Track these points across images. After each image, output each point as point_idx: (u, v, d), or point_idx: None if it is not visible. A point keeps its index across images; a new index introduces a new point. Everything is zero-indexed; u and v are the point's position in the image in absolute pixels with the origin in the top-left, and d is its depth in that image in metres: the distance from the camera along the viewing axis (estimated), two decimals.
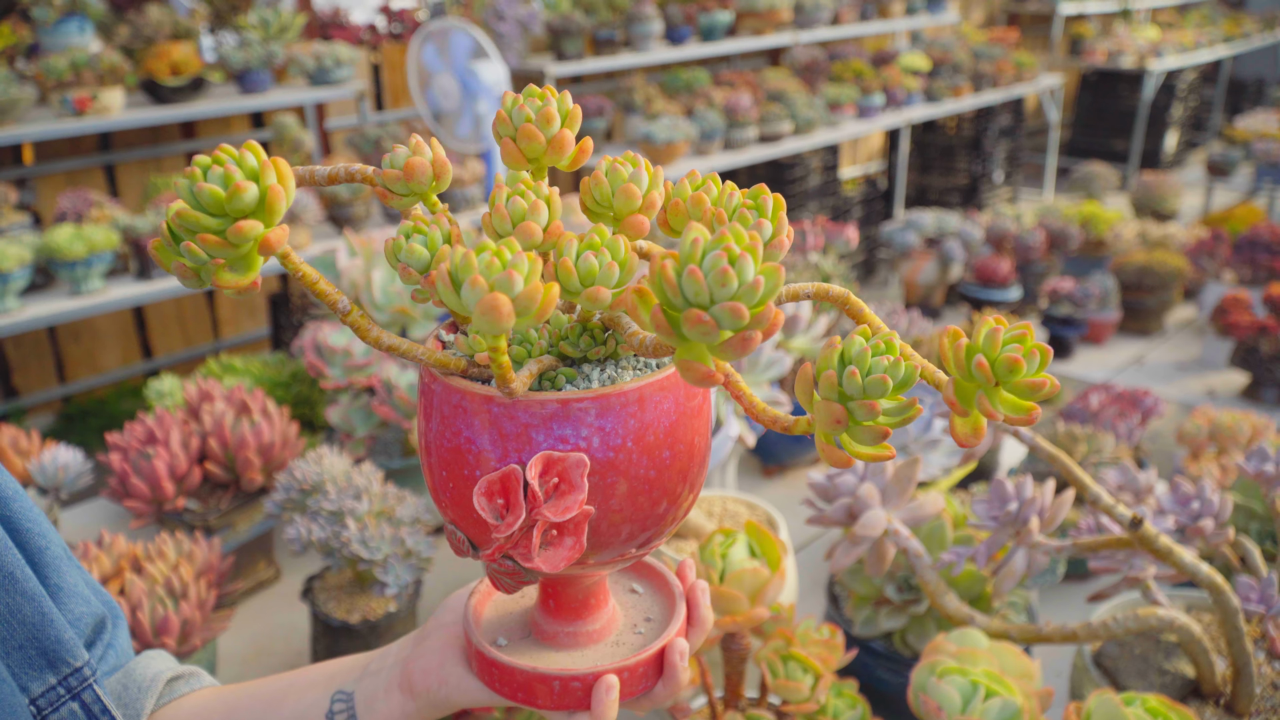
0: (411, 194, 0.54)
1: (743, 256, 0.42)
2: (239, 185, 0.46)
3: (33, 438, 1.52)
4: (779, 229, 0.50)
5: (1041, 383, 0.45)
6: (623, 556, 0.56)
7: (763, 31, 4.65)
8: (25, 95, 2.86)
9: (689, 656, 0.61)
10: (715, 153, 4.05)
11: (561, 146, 0.53)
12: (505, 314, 0.43)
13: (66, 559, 0.69)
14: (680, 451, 0.53)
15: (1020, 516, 0.93)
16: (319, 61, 3.41)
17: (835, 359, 0.47)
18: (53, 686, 0.62)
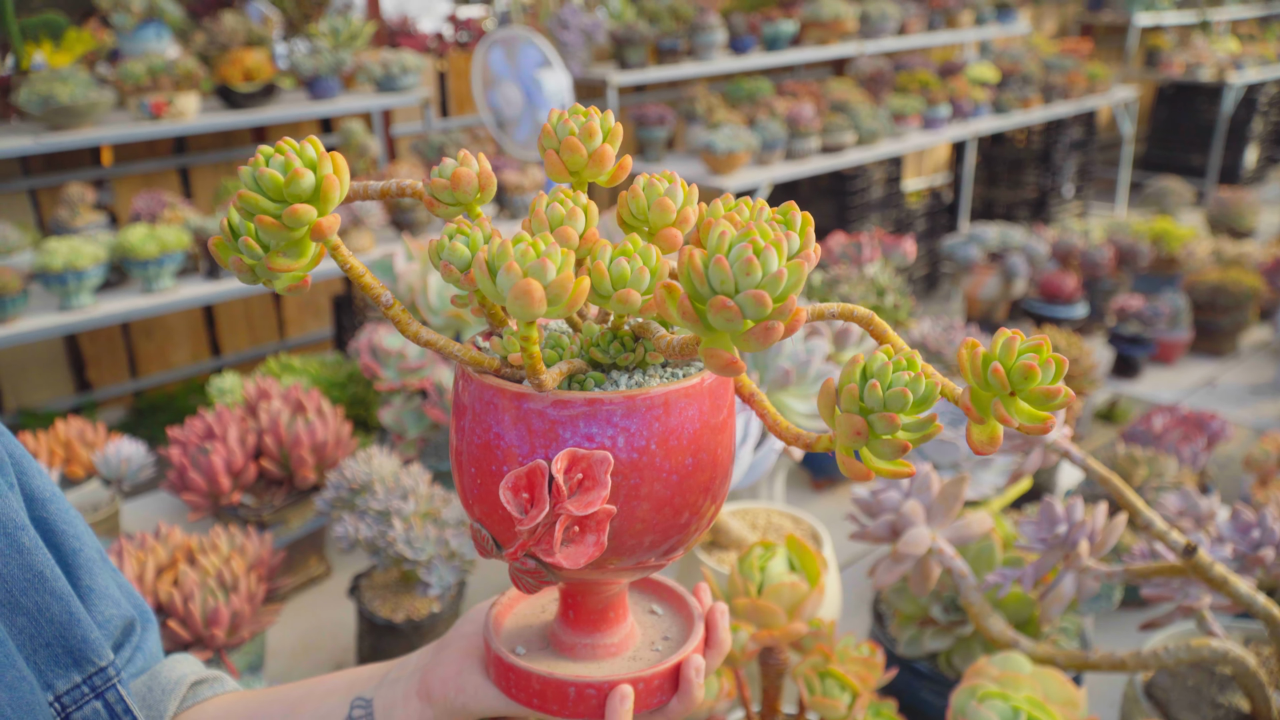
0: (458, 204, 0.56)
1: (767, 249, 0.44)
2: (297, 171, 0.49)
3: (99, 430, 1.57)
4: (805, 243, 0.51)
5: (1056, 390, 0.45)
6: (643, 565, 0.56)
7: (827, 41, 4.62)
8: (104, 99, 2.95)
9: (705, 675, 0.61)
10: (776, 163, 4.03)
11: (602, 161, 0.55)
12: (537, 299, 0.45)
13: (100, 561, 0.71)
14: (703, 460, 0.53)
15: (1069, 539, 0.91)
16: (386, 69, 3.46)
17: (858, 373, 0.48)
18: (77, 685, 0.64)
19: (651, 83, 4.67)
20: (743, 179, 3.84)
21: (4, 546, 0.60)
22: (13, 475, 0.66)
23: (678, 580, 1.05)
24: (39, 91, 2.82)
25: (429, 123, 3.74)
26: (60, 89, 2.83)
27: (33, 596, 0.61)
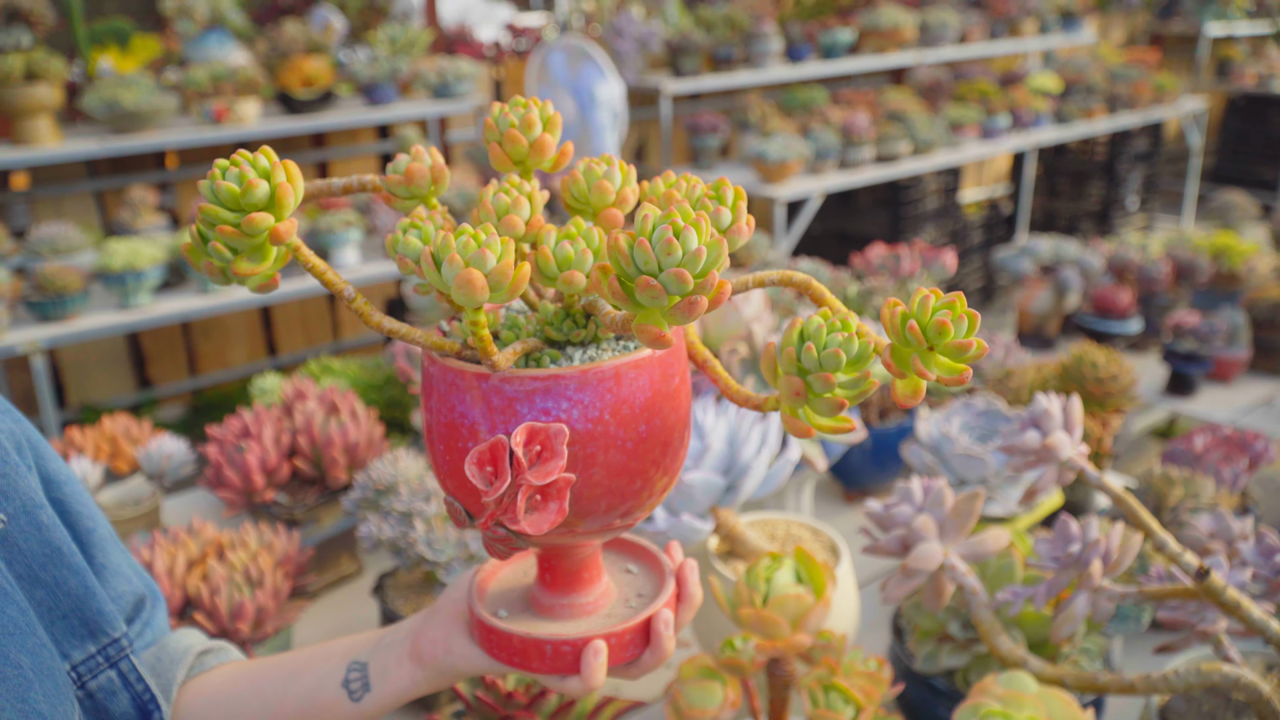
0: (413, 197, 0.59)
1: (686, 229, 0.47)
2: (251, 182, 0.52)
3: (144, 426, 1.61)
4: (737, 216, 0.53)
5: (968, 344, 0.48)
6: (608, 528, 0.60)
7: (885, 50, 4.59)
8: (168, 104, 3.04)
9: (676, 628, 0.64)
10: (829, 172, 4.01)
11: (542, 150, 0.58)
12: (479, 287, 0.49)
13: (112, 542, 0.75)
14: (656, 427, 0.57)
15: (1082, 559, 0.89)
16: (441, 76, 3.52)
17: (795, 336, 0.51)
18: (92, 655, 0.68)
19: (707, 91, 4.67)
20: (794, 188, 3.83)
21: (24, 524, 0.64)
22: (31, 458, 0.69)
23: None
24: (104, 96, 2.92)
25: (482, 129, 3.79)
26: (125, 94, 2.92)
27: (51, 571, 0.65)
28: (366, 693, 0.68)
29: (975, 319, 0.49)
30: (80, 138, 3.06)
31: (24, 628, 0.60)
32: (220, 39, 3.31)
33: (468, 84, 3.59)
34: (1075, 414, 0.92)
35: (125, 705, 0.69)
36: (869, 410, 1.62)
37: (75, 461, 1.46)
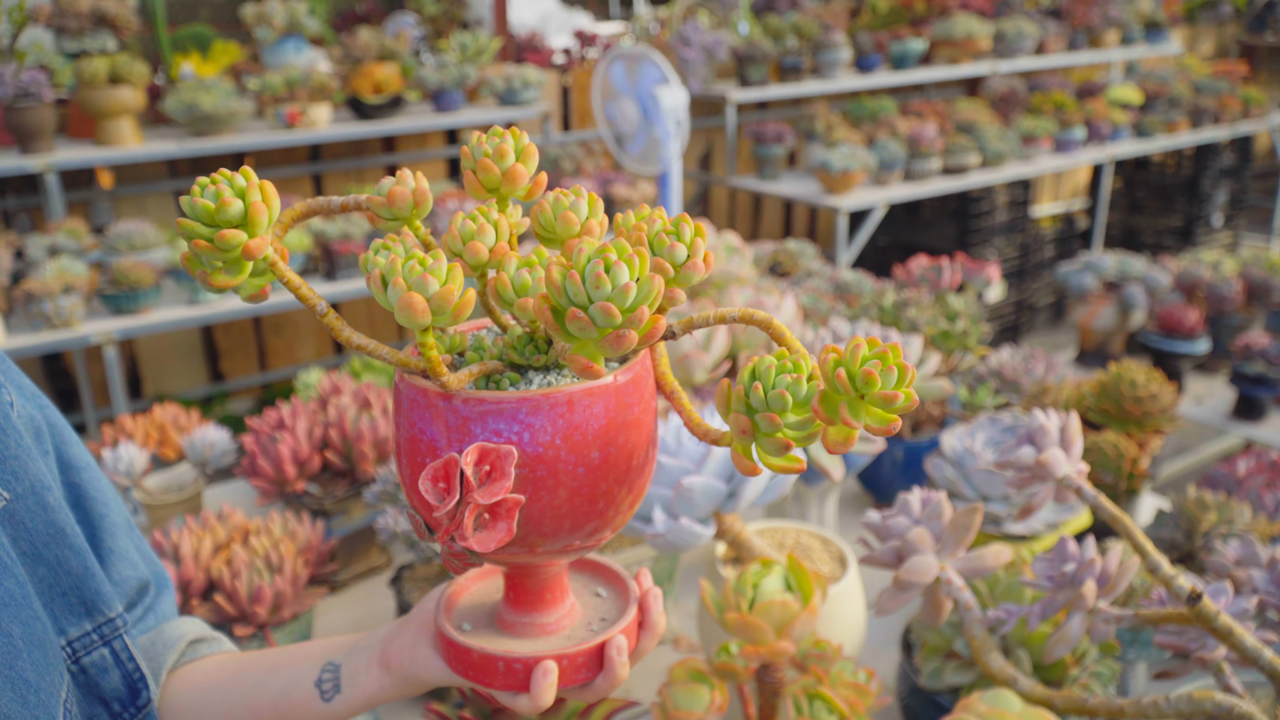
0: (395, 218, 0.59)
1: (618, 264, 0.48)
2: (225, 200, 0.54)
3: (191, 415, 1.68)
4: (694, 253, 0.53)
5: (894, 396, 0.48)
6: (569, 548, 0.60)
7: (958, 61, 4.52)
8: (244, 108, 3.14)
9: (639, 656, 0.65)
10: (894, 183, 3.97)
11: (515, 179, 0.58)
12: (420, 310, 0.50)
13: (124, 528, 0.78)
14: (611, 455, 0.57)
15: (1076, 578, 0.87)
16: (508, 83, 3.57)
17: (747, 375, 0.50)
18: (88, 632, 0.71)
19: (773, 100, 4.66)
20: (857, 198, 3.80)
21: (32, 503, 0.67)
22: (49, 443, 0.73)
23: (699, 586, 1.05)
24: (184, 100, 3.03)
25: (548, 136, 3.84)
26: (203, 97, 3.03)
27: (54, 550, 0.68)
28: (337, 694, 0.70)
29: (906, 370, 0.49)
30: (161, 139, 3.19)
31: (19, 600, 0.64)
32: (297, 45, 3.41)
33: (534, 91, 3.64)
34: (1073, 431, 0.91)
35: (116, 682, 0.72)
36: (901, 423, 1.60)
37: (124, 446, 1.52)
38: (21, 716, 0.60)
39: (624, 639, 0.63)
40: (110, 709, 0.72)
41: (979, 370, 1.73)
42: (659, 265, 0.53)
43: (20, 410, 0.70)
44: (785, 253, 2.17)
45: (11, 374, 0.73)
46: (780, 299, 1.54)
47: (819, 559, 1.20)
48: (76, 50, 2.99)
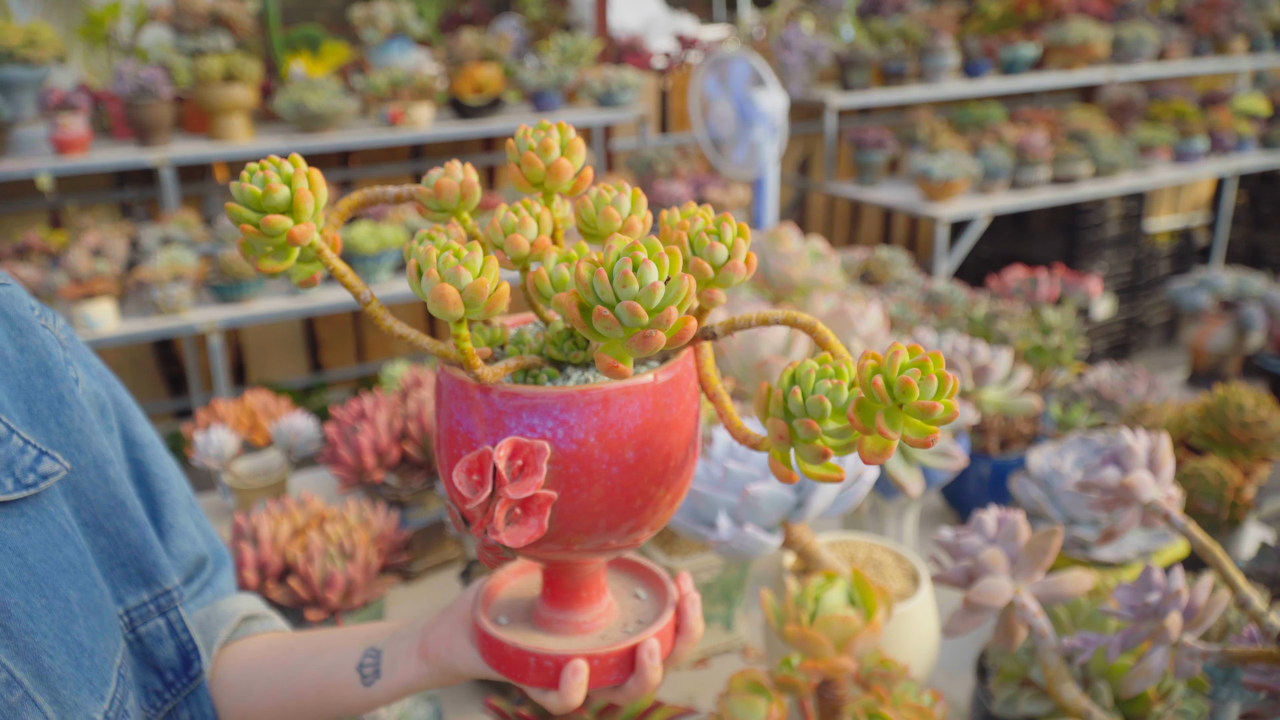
0: (442, 210, 0.59)
1: (646, 264, 0.47)
2: (272, 187, 0.55)
3: (280, 403, 1.72)
4: (735, 254, 0.51)
5: (933, 406, 0.45)
6: (605, 547, 0.60)
7: (1073, 67, 4.37)
8: (349, 107, 3.23)
9: (674, 662, 0.64)
10: (999, 192, 3.86)
11: (559, 173, 0.58)
12: (452, 302, 0.50)
13: (185, 506, 0.81)
14: (647, 455, 0.56)
15: (1160, 610, 0.83)
16: (606, 85, 3.59)
17: (787, 379, 0.49)
18: (145, 602, 0.73)
19: (876, 105, 4.57)
20: (959, 207, 3.70)
21: (94, 476, 0.70)
22: (114, 420, 0.76)
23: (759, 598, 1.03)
24: (293, 98, 3.13)
25: (644, 139, 3.84)
26: (311, 96, 3.12)
27: (114, 521, 0.71)
28: (377, 679, 0.70)
29: (947, 380, 0.46)
30: (270, 135, 3.29)
31: (78, 567, 0.66)
32: (402, 46, 3.49)
33: (631, 93, 3.65)
34: (1163, 453, 0.86)
35: (170, 652, 0.74)
36: (989, 439, 1.55)
37: (215, 430, 1.57)
38: (75, 679, 0.62)
39: (656, 643, 0.62)
40: (164, 678, 0.74)
41: (1075, 388, 1.66)
42: (698, 265, 0.52)
43: (86, 387, 0.73)
44: (876, 260, 2.12)
45: (79, 353, 0.75)
46: (865, 306, 1.51)
47: (891, 575, 1.17)
48: (194, 49, 3.11)
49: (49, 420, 0.68)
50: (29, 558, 0.62)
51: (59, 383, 0.69)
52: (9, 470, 0.63)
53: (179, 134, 3.32)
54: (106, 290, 2.69)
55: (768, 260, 1.62)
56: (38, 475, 0.64)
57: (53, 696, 0.61)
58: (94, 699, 0.63)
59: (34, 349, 0.68)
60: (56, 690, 0.61)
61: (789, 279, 1.60)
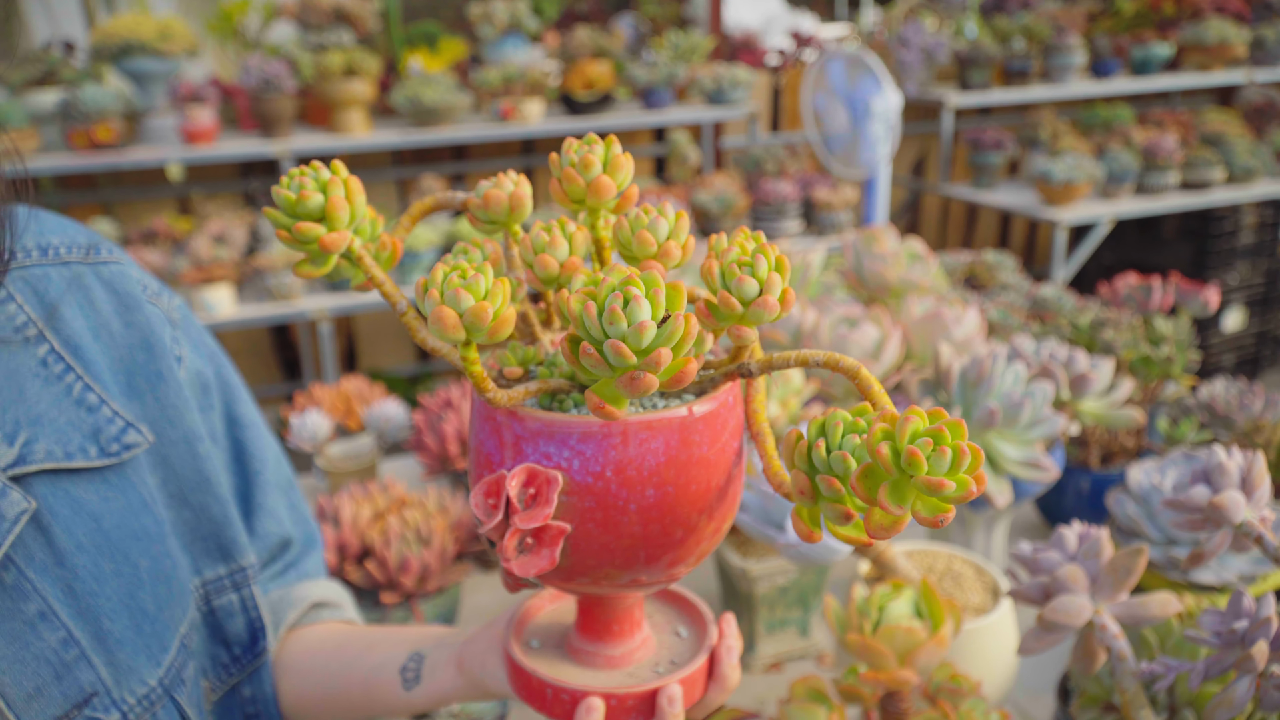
0: (492, 221, 0.58)
1: (637, 300, 0.44)
2: (305, 193, 0.54)
3: (374, 389, 1.77)
4: (767, 289, 0.47)
5: (941, 484, 0.40)
6: (635, 583, 0.56)
7: (1209, 68, 4.16)
8: (462, 101, 3.29)
9: (702, 711, 0.62)
10: (1124, 197, 3.69)
11: (600, 191, 0.55)
12: (450, 325, 0.47)
13: (278, 487, 0.83)
14: (668, 494, 0.52)
15: (1247, 638, 0.77)
16: (717, 82, 3.57)
17: (815, 429, 0.45)
18: (221, 576, 0.76)
19: (996, 105, 4.43)
20: (1080, 212, 3.56)
21: (184, 452, 0.73)
22: (215, 398, 0.79)
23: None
24: (409, 93, 3.21)
25: (754, 137, 3.81)
26: (426, 91, 3.19)
27: (199, 496, 0.74)
28: (416, 684, 0.71)
29: (963, 455, 0.41)
30: (387, 129, 3.38)
31: (153, 536, 0.69)
32: (516, 43, 3.54)
33: (742, 91, 3.62)
34: (1259, 472, 0.80)
35: (239, 628, 0.77)
36: (1090, 452, 1.48)
37: (310, 414, 1.62)
38: (133, 643, 0.65)
39: (679, 689, 0.59)
40: (231, 651, 0.77)
41: (1187, 402, 1.58)
42: (725, 300, 0.48)
43: (189, 366, 0.76)
44: (982, 264, 2.05)
45: (191, 332, 0.78)
46: (962, 311, 1.46)
47: (970, 588, 1.13)
48: (317, 44, 3.22)
49: (146, 394, 0.71)
50: (104, 523, 0.65)
51: (160, 359, 0.72)
52: (95, 439, 0.66)
53: (300, 126, 3.44)
54: (225, 276, 2.81)
55: (862, 261, 1.58)
56: (122, 445, 0.67)
57: (108, 658, 0.63)
58: (150, 664, 0.66)
59: (139, 325, 0.72)
60: (113, 652, 0.63)
61: (884, 280, 1.56)
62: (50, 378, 0.65)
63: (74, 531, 0.63)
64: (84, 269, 0.71)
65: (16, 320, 0.65)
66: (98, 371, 0.68)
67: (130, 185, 3.52)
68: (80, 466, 0.65)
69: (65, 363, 0.66)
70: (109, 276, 0.72)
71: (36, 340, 0.66)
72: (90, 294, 0.70)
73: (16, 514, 0.60)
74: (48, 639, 0.61)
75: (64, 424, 0.65)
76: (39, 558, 0.61)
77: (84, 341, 0.68)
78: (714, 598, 1.39)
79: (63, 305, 0.68)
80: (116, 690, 0.63)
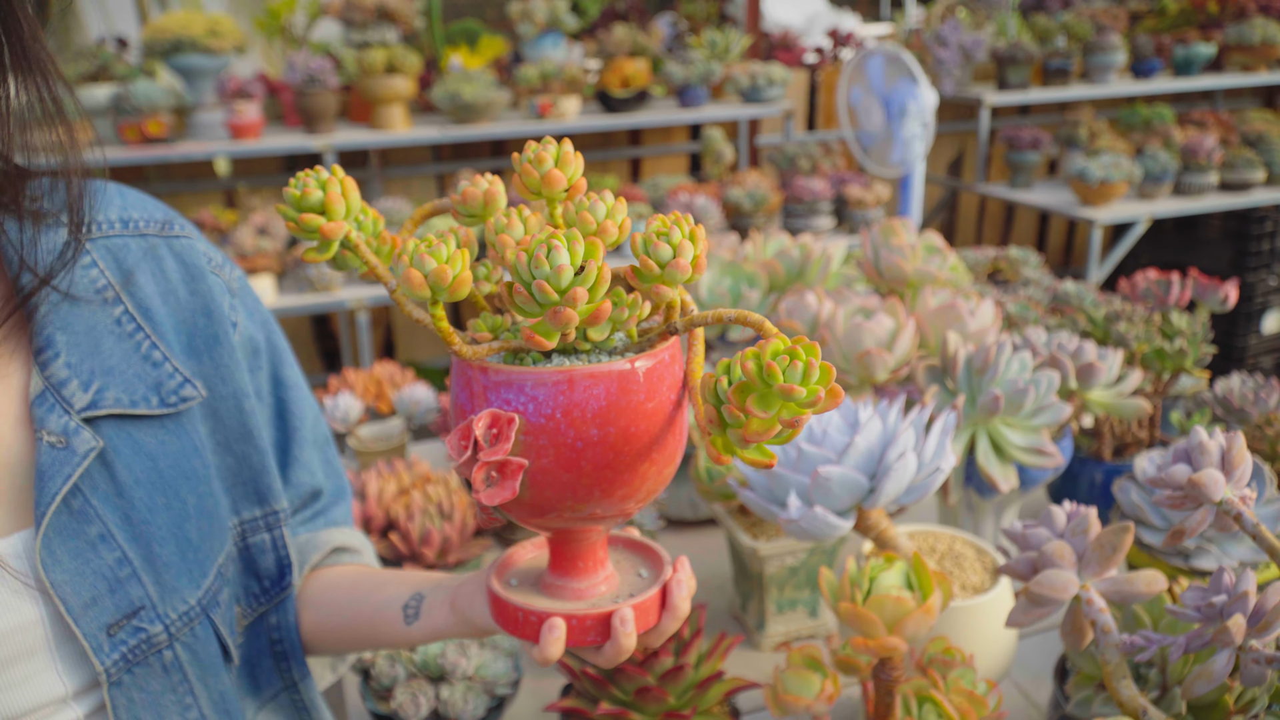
0: (471, 215, 0.67)
1: (556, 248, 0.54)
2: (308, 190, 0.65)
3: (406, 374, 1.82)
4: (679, 254, 0.58)
5: (791, 389, 0.49)
6: (593, 516, 0.65)
7: (1254, 68, 4.12)
8: (501, 98, 3.35)
9: (658, 637, 0.70)
10: (1161, 197, 3.67)
11: (552, 183, 0.64)
12: (417, 284, 0.57)
13: (314, 443, 0.92)
14: (611, 435, 0.61)
15: (1224, 611, 0.80)
16: (752, 80, 3.60)
17: (723, 368, 0.54)
18: (256, 517, 0.85)
19: (1034, 104, 4.42)
20: (1117, 211, 3.54)
21: (232, 407, 0.82)
22: (264, 360, 0.88)
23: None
24: (449, 90, 3.28)
25: (789, 134, 3.84)
26: (465, 88, 3.26)
27: (241, 446, 0.83)
28: (416, 620, 0.79)
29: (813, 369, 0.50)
30: (427, 125, 3.46)
31: (200, 478, 0.78)
32: (555, 40, 3.60)
33: (778, 89, 3.65)
34: (1238, 452, 0.83)
35: (269, 563, 0.86)
36: (1102, 444, 1.50)
37: (342, 396, 1.68)
38: (178, 567, 0.74)
39: (630, 612, 0.67)
40: (261, 584, 0.86)
41: (1203, 396, 1.59)
42: (644, 263, 0.58)
43: (243, 330, 0.85)
44: (1006, 259, 2.07)
45: (247, 300, 0.87)
46: (978, 303, 1.48)
47: (970, 569, 1.16)
48: (361, 41, 3.30)
49: (203, 354, 0.80)
50: (159, 463, 0.75)
51: (217, 324, 0.82)
52: (156, 390, 0.76)
53: (343, 122, 3.52)
54: (268, 266, 2.89)
55: (880, 253, 1.61)
56: (179, 398, 0.77)
57: (156, 578, 0.72)
58: (191, 586, 0.75)
59: (201, 293, 0.81)
60: (160, 573, 0.73)
61: (901, 272, 1.59)
62: (122, 335, 0.75)
63: (133, 468, 0.72)
64: (158, 241, 0.81)
65: (98, 283, 0.75)
66: (163, 332, 0.78)
67: (179, 178, 3.62)
68: (143, 413, 0.74)
69: (136, 323, 0.76)
70: (179, 249, 0.82)
71: (113, 302, 0.76)
72: (162, 264, 0.80)
73: (86, 450, 0.69)
74: (105, 557, 0.69)
75: (131, 376, 0.74)
76: (102, 488, 0.70)
77: (154, 305, 0.78)
78: (726, 578, 1.43)
79: (138, 272, 0.78)
80: (161, 606, 0.72)
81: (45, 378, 0.71)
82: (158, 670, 0.72)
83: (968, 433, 1.27)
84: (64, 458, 0.68)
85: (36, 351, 0.71)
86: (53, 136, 0.70)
